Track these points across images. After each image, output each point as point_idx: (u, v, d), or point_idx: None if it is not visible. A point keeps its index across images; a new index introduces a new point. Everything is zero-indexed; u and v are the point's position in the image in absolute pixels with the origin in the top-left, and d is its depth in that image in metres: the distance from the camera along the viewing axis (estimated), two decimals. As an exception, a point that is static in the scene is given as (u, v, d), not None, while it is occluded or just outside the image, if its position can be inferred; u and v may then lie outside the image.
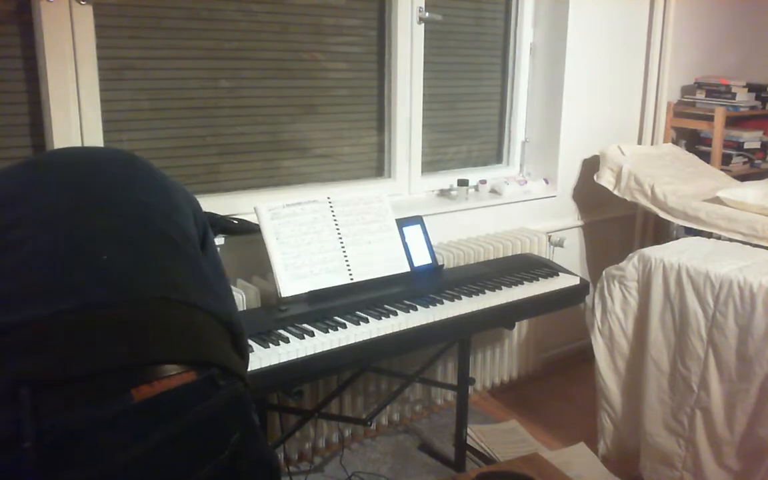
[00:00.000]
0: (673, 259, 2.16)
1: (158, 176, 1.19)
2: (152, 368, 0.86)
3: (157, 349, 0.88)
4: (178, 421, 0.85)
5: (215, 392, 0.90)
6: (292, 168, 2.47)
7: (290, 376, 1.64)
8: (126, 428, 0.82)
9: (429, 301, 1.98)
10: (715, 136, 3.19)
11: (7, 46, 1.86)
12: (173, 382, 0.86)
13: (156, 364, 0.87)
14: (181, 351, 0.90)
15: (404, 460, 2.47)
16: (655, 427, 2.22)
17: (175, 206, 1.13)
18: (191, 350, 0.91)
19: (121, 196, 1.06)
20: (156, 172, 1.20)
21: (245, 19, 2.26)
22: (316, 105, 2.48)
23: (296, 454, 2.40)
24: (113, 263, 0.94)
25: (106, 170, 1.12)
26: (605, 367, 2.37)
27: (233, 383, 0.94)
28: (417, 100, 2.68)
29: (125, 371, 0.85)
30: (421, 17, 2.61)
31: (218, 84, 2.24)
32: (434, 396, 2.78)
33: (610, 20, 3.03)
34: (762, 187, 2.55)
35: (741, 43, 3.64)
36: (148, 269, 0.97)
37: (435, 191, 2.83)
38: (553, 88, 2.98)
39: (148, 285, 0.95)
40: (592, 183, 2.99)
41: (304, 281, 1.92)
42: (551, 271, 2.33)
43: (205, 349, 0.94)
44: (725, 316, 2.02)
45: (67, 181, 1.06)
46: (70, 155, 1.20)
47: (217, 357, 0.94)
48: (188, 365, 0.89)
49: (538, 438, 2.63)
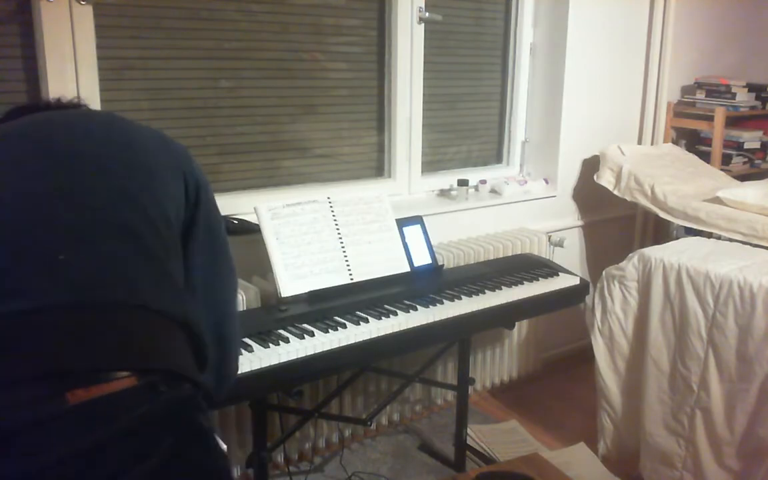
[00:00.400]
0: (673, 259, 2.16)
1: (139, 144, 1.11)
2: (91, 373, 0.86)
3: (98, 356, 0.87)
4: (109, 425, 0.85)
5: (154, 398, 0.89)
6: (292, 168, 2.47)
7: (290, 376, 1.64)
8: (57, 431, 0.83)
9: (429, 301, 1.98)
10: (715, 136, 3.19)
11: (7, 46, 1.86)
12: (111, 386, 0.86)
13: (92, 371, 0.86)
14: (121, 358, 0.89)
15: (404, 460, 2.47)
16: (655, 427, 2.22)
17: (154, 183, 1.06)
18: (133, 356, 0.90)
19: (91, 182, 1.01)
20: (138, 138, 1.12)
21: (245, 19, 2.26)
22: (316, 105, 2.48)
23: (296, 454, 2.40)
24: (68, 264, 0.91)
25: (82, 150, 1.05)
26: (605, 367, 2.37)
27: (176, 388, 0.92)
28: (417, 100, 2.68)
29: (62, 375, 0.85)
30: (421, 17, 2.61)
31: (218, 84, 2.24)
32: (434, 396, 2.78)
33: (610, 20, 3.03)
34: (762, 187, 2.55)
35: (741, 43, 3.64)
36: (102, 271, 0.94)
37: (435, 191, 2.83)
38: (553, 88, 2.98)
39: (101, 288, 0.92)
40: (592, 183, 2.99)
41: (304, 281, 1.92)
42: (551, 271, 2.33)
43: (149, 355, 0.92)
44: (725, 316, 2.02)
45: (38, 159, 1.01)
46: (47, 125, 1.11)
47: (162, 362, 0.93)
48: (129, 371, 0.88)
49: (538, 438, 2.63)
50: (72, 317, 0.89)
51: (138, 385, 0.87)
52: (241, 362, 1.56)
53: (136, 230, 0.99)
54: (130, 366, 0.88)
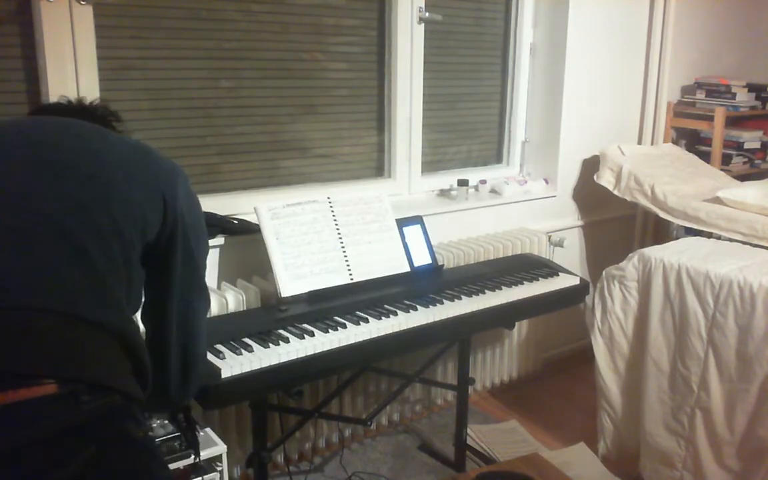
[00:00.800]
0: (673, 259, 2.16)
1: (111, 158, 1.10)
2: (11, 378, 0.86)
3: (18, 360, 0.88)
4: (26, 431, 0.85)
5: (75, 406, 0.89)
6: (292, 168, 2.47)
7: (290, 376, 1.64)
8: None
9: (429, 301, 1.98)
10: (715, 136, 3.19)
11: (7, 46, 1.86)
12: (30, 392, 0.86)
13: (14, 376, 0.86)
14: (43, 365, 0.89)
15: (404, 460, 2.47)
16: (655, 427, 2.22)
17: (112, 197, 1.05)
18: (55, 364, 0.90)
19: (46, 189, 1.00)
20: (113, 152, 1.11)
21: (245, 19, 2.26)
22: (316, 105, 2.48)
23: (296, 454, 2.40)
24: (3, 267, 0.92)
25: (46, 157, 1.04)
26: (605, 367, 2.37)
27: (102, 397, 0.93)
28: (417, 100, 2.68)
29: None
30: (421, 17, 2.61)
31: (218, 84, 2.24)
32: (434, 396, 2.78)
33: (610, 20, 3.03)
34: (762, 187, 2.55)
35: (741, 43, 3.64)
36: (36, 277, 0.94)
37: (435, 191, 2.83)
38: (553, 88, 2.98)
39: (32, 294, 0.92)
40: (592, 183, 2.99)
41: (304, 281, 1.92)
42: (551, 271, 2.33)
43: (71, 363, 0.93)
44: (725, 316, 2.02)
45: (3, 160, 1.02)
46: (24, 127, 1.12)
47: (86, 372, 0.93)
48: (51, 378, 0.88)
49: (538, 438, 2.63)
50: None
51: (59, 393, 0.88)
52: (241, 362, 1.57)
53: (81, 241, 0.99)
54: (50, 373, 0.88)
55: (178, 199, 1.15)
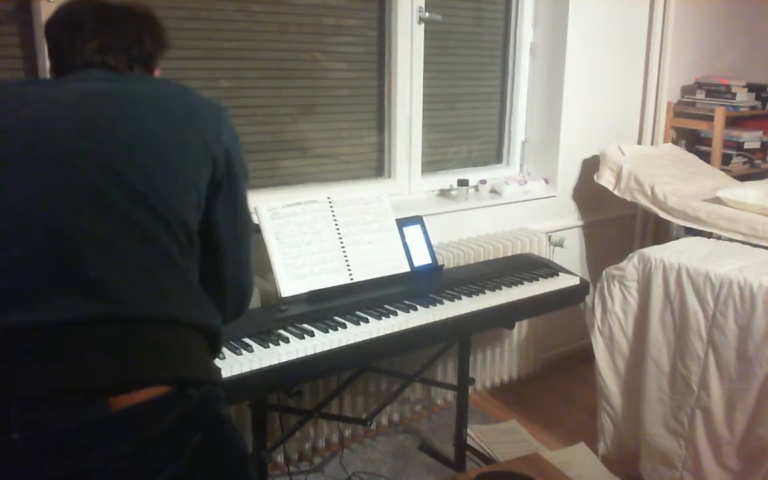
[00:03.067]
0: (673, 259, 2.16)
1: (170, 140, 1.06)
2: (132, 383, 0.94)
3: (137, 371, 0.95)
4: (150, 428, 0.94)
5: (185, 401, 0.98)
6: (292, 168, 2.47)
7: (290, 376, 1.64)
8: (102, 433, 0.91)
9: (429, 301, 1.98)
10: (715, 136, 3.19)
11: (7, 46, 1.85)
12: (149, 394, 0.94)
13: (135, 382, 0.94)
14: (158, 372, 0.97)
15: (404, 460, 2.47)
16: (655, 427, 2.22)
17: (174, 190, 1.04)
18: (168, 370, 0.98)
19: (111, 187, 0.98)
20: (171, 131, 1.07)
21: (245, 19, 2.26)
22: (316, 105, 2.48)
23: (296, 454, 2.40)
24: (98, 275, 0.95)
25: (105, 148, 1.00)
26: (605, 367, 2.37)
27: (201, 389, 1.01)
28: (417, 100, 2.68)
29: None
30: (421, 17, 2.61)
31: (218, 84, 2.24)
32: (434, 396, 2.78)
33: (610, 20, 3.03)
34: (762, 187, 2.55)
35: (741, 43, 3.64)
36: (133, 284, 0.98)
37: (435, 191, 2.83)
38: (553, 88, 2.98)
39: (133, 302, 0.97)
40: (592, 183, 2.99)
41: (304, 281, 1.92)
42: (551, 271, 2.33)
43: (183, 368, 1.01)
44: (725, 316, 2.02)
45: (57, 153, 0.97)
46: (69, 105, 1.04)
47: (194, 373, 1.02)
48: (166, 384, 0.97)
49: (538, 438, 2.63)
50: (107, 331, 0.95)
51: (171, 392, 0.97)
52: (241, 362, 1.57)
53: (160, 241, 1.02)
54: (164, 380, 0.96)
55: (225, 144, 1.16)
